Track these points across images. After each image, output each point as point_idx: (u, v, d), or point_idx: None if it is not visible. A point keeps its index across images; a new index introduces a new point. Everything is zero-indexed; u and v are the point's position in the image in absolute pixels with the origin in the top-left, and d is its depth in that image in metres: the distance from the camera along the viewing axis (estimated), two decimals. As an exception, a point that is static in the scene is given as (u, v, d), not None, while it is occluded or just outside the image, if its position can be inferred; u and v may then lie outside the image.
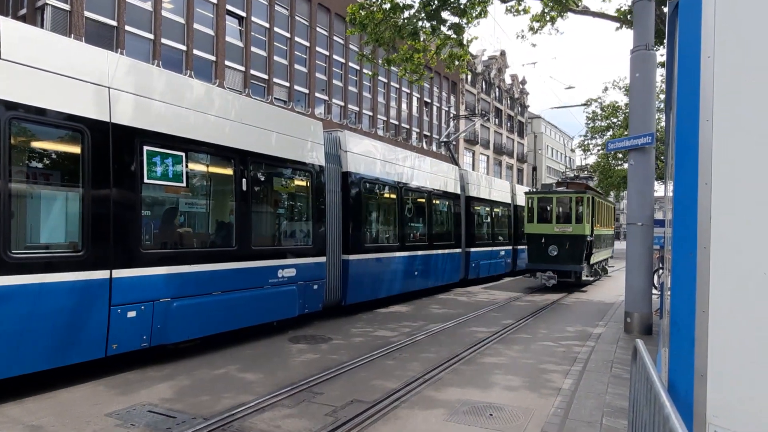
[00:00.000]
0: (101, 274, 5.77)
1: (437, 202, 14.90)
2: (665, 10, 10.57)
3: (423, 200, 14.00)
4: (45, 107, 5.35)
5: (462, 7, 12.52)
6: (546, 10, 13.48)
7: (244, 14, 28.49)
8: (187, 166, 6.90)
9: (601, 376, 6.18)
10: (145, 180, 6.33)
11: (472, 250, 16.83)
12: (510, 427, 4.73)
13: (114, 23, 22.71)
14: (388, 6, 12.72)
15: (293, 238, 9.34)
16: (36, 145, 5.58)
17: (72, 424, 4.62)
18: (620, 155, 33.32)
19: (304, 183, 9.41)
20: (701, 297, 2.18)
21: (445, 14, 12.81)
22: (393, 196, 12.51)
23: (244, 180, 7.76)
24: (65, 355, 5.51)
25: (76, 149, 5.69)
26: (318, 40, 33.51)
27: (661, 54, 12.83)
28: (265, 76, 29.78)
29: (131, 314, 6.08)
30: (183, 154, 6.82)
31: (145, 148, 6.33)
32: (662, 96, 21.07)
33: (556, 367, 6.82)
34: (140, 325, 6.20)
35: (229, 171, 7.72)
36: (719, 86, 2.17)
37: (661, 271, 11.43)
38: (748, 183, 2.09)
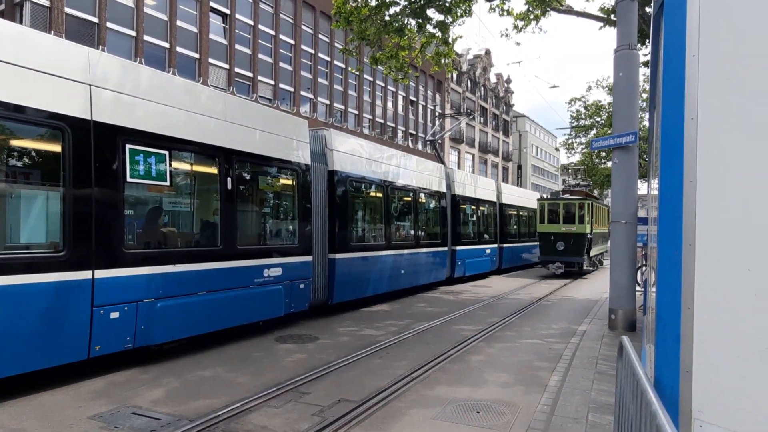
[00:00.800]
0: (83, 275, 5.67)
1: (423, 200, 14.92)
2: (648, 10, 10.70)
3: (409, 199, 14.02)
4: (24, 105, 5.23)
5: (447, 4, 12.54)
6: (530, 9, 13.55)
7: (227, 11, 28.22)
8: (170, 165, 6.81)
9: (586, 372, 6.24)
10: (128, 179, 6.24)
11: (458, 248, 16.90)
12: (497, 424, 4.75)
13: (95, 20, 22.34)
14: (374, 2, 12.69)
15: (279, 237, 9.28)
16: (15, 143, 5.46)
17: (54, 427, 4.53)
18: (604, 154, 33.74)
19: (289, 182, 9.35)
20: (686, 294, 2.20)
21: (430, 12, 12.83)
22: (379, 194, 12.49)
23: (228, 179, 7.69)
24: (46, 358, 5.41)
25: (56, 147, 5.58)
26: (303, 38, 33.33)
27: (644, 54, 13.00)
28: (250, 74, 29.54)
29: (114, 315, 5.99)
30: (166, 152, 6.73)
31: (128, 146, 6.23)
32: (645, 95, 21.38)
33: (542, 364, 6.87)
34: (124, 326, 6.11)
35: (213, 170, 7.63)
36: (704, 84, 2.19)
37: (644, 268, 11.58)
38: (733, 180, 2.11)
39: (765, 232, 2.01)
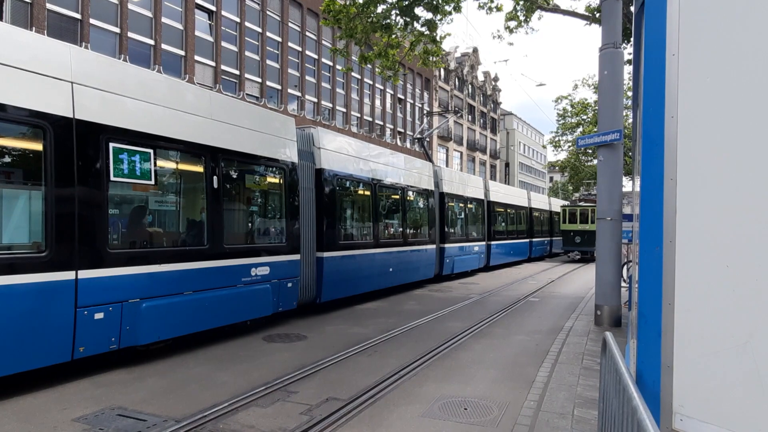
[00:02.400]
0: (66, 275, 5.60)
1: (411, 198, 14.94)
2: (632, 8, 10.78)
3: (397, 197, 14.02)
4: (4, 102, 5.15)
5: (435, 3, 12.54)
6: (518, 8, 13.59)
7: (213, 8, 27.98)
8: (155, 164, 6.75)
9: (572, 368, 6.30)
10: (112, 178, 6.17)
11: (447, 246, 16.95)
12: (484, 420, 4.78)
13: (78, 16, 22.02)
14: (362, 0, 12.65)
15: (266, 236, 9.23)
16: (-5, 142, 5.37)
17: (38, 430, 4.48)
18: (590, 151, 34.05)
19: (277, 180, 9.31)
20: (667, 290, 2.23)
21: (418, 11, 12.81)
22: (367, 192, 12.48)
23: (215, 177, 7.63)
24: (29, 360, 5.33)
25: (38, 146, 5.50)
26: (290, 36, 33.15)
27: (629, 52, 13.11)
28: (237, 72, 29.33)
29: (98, 316, 5.92)
30: (151, 151, 6.66)
31: (111, 144, 6.15)
32: (630, 93, 21.62)
33: (529, 360, 6.92)
34: (108, 327, 6.05)
35: (199, 168, 7.57)
36: (684, 83, 2.22)
37: (630, 264, 11.70)
38: (712, 178, 2.14)
39: (743, 230, 2.05)
